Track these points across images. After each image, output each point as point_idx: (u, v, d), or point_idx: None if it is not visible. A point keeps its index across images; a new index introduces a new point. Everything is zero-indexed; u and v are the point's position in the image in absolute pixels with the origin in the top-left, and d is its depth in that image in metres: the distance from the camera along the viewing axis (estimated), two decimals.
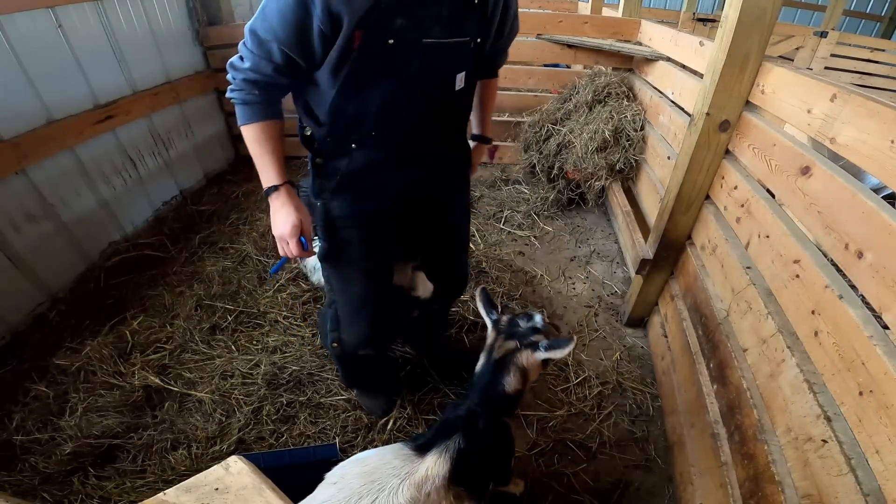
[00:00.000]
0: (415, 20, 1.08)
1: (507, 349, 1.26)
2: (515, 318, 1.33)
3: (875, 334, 0.94)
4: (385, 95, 1.17)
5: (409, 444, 1.15)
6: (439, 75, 1.20)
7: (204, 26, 3.47)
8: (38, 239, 2.38)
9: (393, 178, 1.34)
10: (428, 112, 1.26)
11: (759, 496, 1.16)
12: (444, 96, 1.25)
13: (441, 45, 1.14)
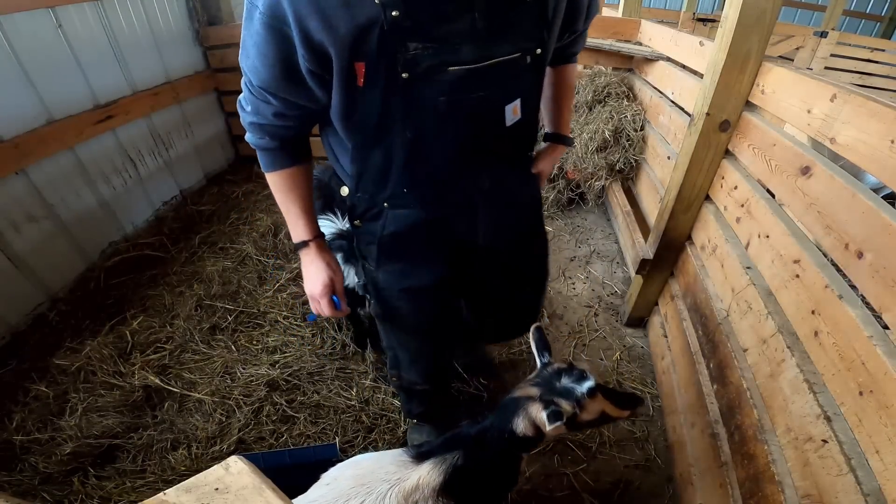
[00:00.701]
0: (434, 42, 0.80)
1: (527, 393, 1.14)
2: (563, 371, 1.17)
3: (875, 334, 0.94)
4: (409, 145, 0.92)
5: (410, 452, 1.14)
6: (479, 111, 0.91)
7: (204, 26, 3.47)
8: (38, 239, 2.38)
9: (438, 243, 1.13)
10: (470, 159, 0.99)
11: (759, 496, 1.16)
12: (491, 137, 0.97)
13: (476, 71, 0.85)
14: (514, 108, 0.96)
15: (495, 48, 0.86)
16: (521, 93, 0.96)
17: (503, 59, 0.87)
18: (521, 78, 0.94)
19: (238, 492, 0.57)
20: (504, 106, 0.94)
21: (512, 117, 0.97)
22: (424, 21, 0.78)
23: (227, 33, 3.50)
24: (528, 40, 0.90)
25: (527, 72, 0.94)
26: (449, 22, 0.80)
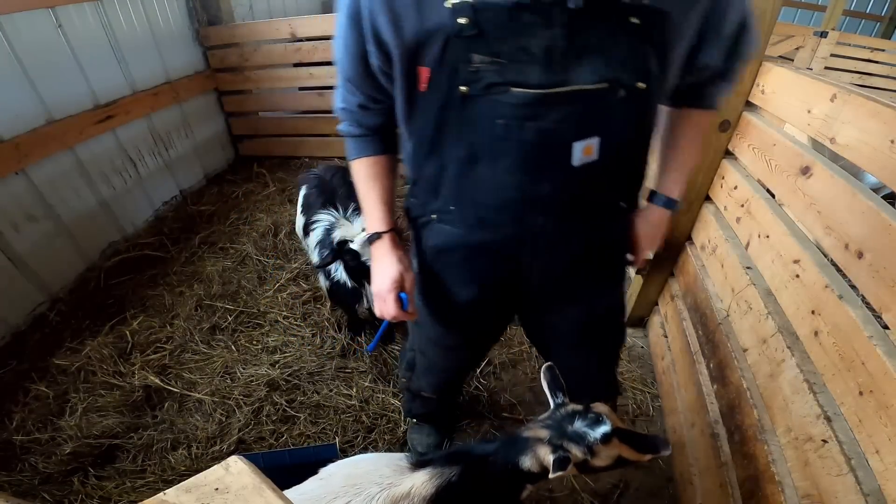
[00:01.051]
0: (500, 58, 0.73)
1: (537, 435, 1.08)
2: (577, 413, 1.09)
3: (875, 334, 0.94)
4: (461, 163, 0.86)
5: (410, 458, 1.13)
6: (541, 144, 0.79)
7: (204, 26, 3.47)
8: (38, 239, 2.38)
9: (475, 270, 1.05)
10: (523, 193, 0.87)
11: (759, 496, 1.16)
12: (552, 174, 0.84)
13: (543, 97, 0.74)
14: (586, 146, 0.80)
15: (573, 74, 0.73)
16: (603, 131, 0.80)
17: (581, 89, 0.74)
18: (605, 113, 0.78)
19: (238, 492, 0.57)
20: (572, 142, 0.79)
21: (582, 157, 0.81)
22: (492, 32, 0.71)
23: (227, 33, 3.50)
24: (624, 70, 0.75)
25: (618, 107, 0.78)
26: (520, 37, 0.71)
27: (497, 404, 1.97)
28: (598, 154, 0.82)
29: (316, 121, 3.84)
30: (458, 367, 1.48)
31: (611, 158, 0.84)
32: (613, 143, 0.82)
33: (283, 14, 4.58)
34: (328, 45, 3.40)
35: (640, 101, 0.80)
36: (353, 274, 1.89)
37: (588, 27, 0.72)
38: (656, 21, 0.73)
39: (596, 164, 0.83)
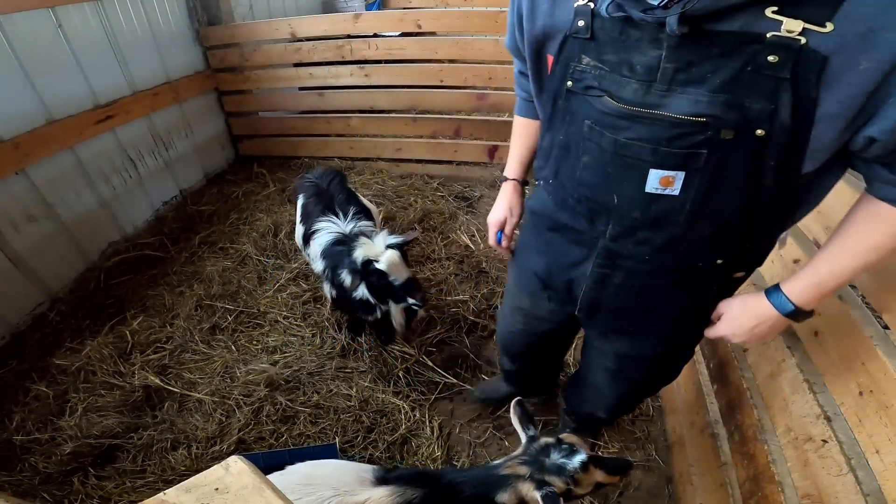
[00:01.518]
0: (604, 65, 0.76)
1: (516, 472, 1.09)
2: (551, 446, 1.11)
3: (875, 334, 0.94)
4: (560, 148, 0.93)
5: (377, 472, 1.14)
6: (616, 155, 0.79)
7: (204, 26, 3.47)
8: (38, 239, 2.38)
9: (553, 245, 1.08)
10: (599, 197, 0.88)
11: (759, 496, 1.16)
12: (629, 194, 0.82)
13: (629, 114, 0.74)
14: (665, 177, 0.75)
15: (671, 100, 0.70)
16: (690, 167, 0.73)
17: (671, 117, 0.70)
18: (699, 150, 0.71)
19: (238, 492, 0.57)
20: (649, 168, 0.76)
21: (658, 186, 0.77)
22: (604, 40, 0.75)
23: (227, 33, 3.50)
24: (734, 110, 0.66)
25: (720, 149, 0.70)
26: (629, 51, 0.72)
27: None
28: (681, 192, 0.77)
29: (316, 121, 3.84)
30: (513, 331, 1.47)
31: (698, 201, 0.77)
32: (703, 186, 0.75)
33: (283, 14, 4.57)
34: (328, 45, 3.40)
35: (756, 152, 0.69)
36: (377, 293, 1.84)
37: (701, 56, 0.66)
38: (805, 63, 0.61)
39: (676, 200, 0.78)
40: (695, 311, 1.00)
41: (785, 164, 0.70)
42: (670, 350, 1.14)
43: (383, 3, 5.56)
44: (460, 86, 3.50)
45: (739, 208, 0.77)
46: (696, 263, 0.89)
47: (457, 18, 3.22)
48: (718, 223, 0.80)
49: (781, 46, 0.61)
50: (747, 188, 0.74)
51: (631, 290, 0.98)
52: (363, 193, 3.37)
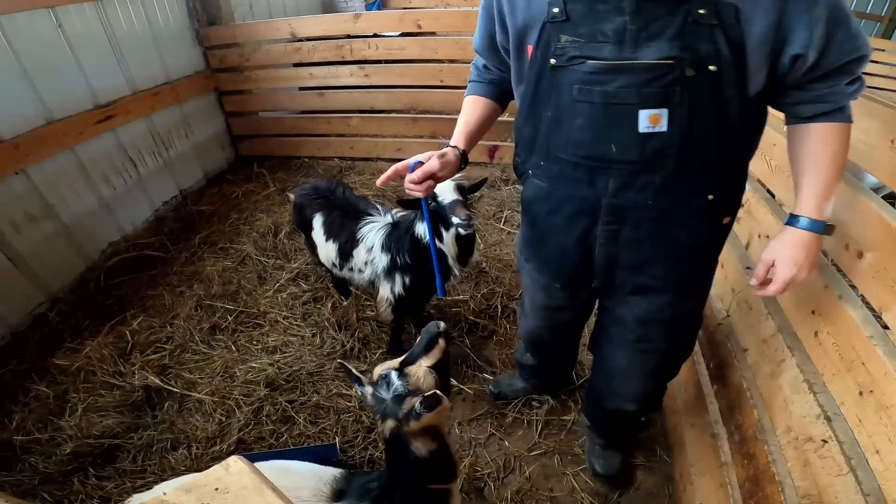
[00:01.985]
0: (581, 38, 0.91)
1: (391, 429, 1.06)
2: (376, 391, 1.10)
3: (875, 334, 0.94)
4: (549, 122, 1.03)
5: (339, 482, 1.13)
6: (609, 105, 0.92)
7: (204, 26, 3.48)
8: (38, 239, 2.38)
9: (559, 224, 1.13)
10: (596, 153, 0.98)
11: (759, 496, 1.16)
12: (620, 138, 0.94)
13: (612, 67, 0.89)
14: (652, 115, 0.90)
15: (641, 52, 0.87)
16: (670, 104, 0.89)
17: (645, 63, 0.87)
18: (672, 88, 0.87)
19: (238, 492, 0.57)
20: (638, 110, 0.90)
21: (648, 125, 0.91)
22: (577, 19, 0.91)
23: (227, 33, 3.50)
24: (688, 50, 0.85)
25: (688, 85, 0.87)
26: (599, 22, 0.89)
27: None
28: (668, 126, 0.91)
29: (316, 121, 3.84)
30: (538, 327, 1.57)
31: (684, 134, 0.91)
32: (684, 119, 0.90)
33: (283, 14, 4.57)
34: (328, 45, 3.40)
35: (715, 84, 0.88)
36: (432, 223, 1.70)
37: (654, 16, 0.85)
38: (723, 11, 0.82)
39: (665, 136, 0.92)
40: (699, 256, 1.12)
41: (740, 92, 0.89)
42: (685, 307, 1.21)
43: (383, 3, 5.56)
44: (460, 86, 3.49)
45: (717, 138, 0.94)
46: (692, 200, 1.01)
47: (457, 18, 3.22)
48: (704, 156, 0.95)
49: (704, 2, 0.82)
50: (718, 118, 0.91)
51: (640, 240, 1.06)
52: (363, 193, 3.37)
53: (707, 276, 1.20)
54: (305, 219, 2.17)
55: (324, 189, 2.18)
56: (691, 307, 1.24)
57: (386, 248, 1.92)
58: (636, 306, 1.20)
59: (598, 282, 1.19)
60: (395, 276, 1.94)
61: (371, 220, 2.00)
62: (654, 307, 1.18)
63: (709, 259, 1.16)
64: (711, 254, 1.15)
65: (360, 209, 2.06)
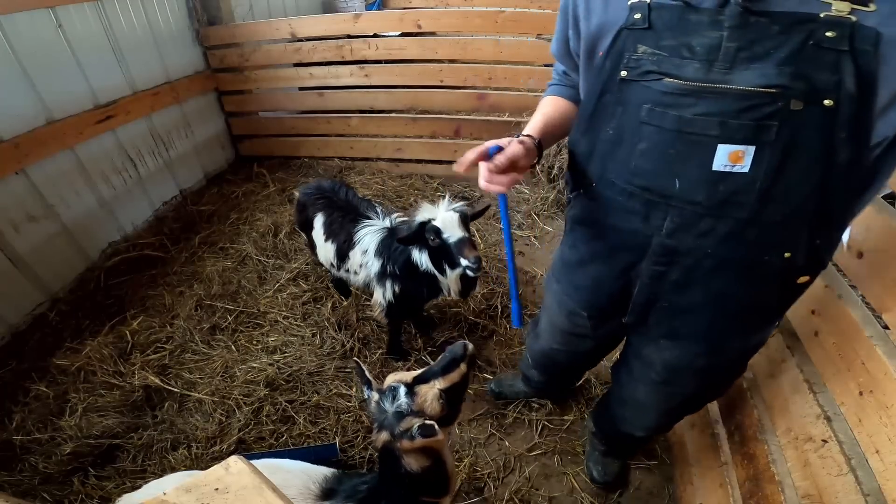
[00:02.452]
0: (662, 51, 0.78)
1: (384, 441, 1.05)
2: (381, 402, 1.07)
3: (875, 334, 0.94)
4: (607, 143, 0.91)
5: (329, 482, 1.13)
6: (682, 135, 0.79)
7: (204, 26, 3.47)
8: (38, 239, 2.38)
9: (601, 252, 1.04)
10: (657, 185, 0.85)
11: (759, 496, 1.16)
12: (694, 176, 0.80)
13: (693, 90, 0.76)
14: (733, 152, 0.75)
15: (736, 76, 0.72)
16: (760, 141, 0.73)
17: (740, 89, 0.72)
18: (768, 122, 0.72)
19: (238, 492, 0.57)
20: (717, 144, 0.76)
21: (726, 163, 0.76)
22: (661, 28, 0.78)
23: (227, 33, 3.50)
24: (801, 80, 0.69)
25: (791, 122, 0.71)
26: (688, 35, 0.76)
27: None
28: (751, 168, 0.75)
29: (316, 121, 3.83)
30: (552, 349, 1.46)
31: (769, 180, 0.75)
32: (775, 161, 0.74)
33: (283, 14, 4.57)
34: (328, 45, 3.40)
35: (826, 123, 0.71)
36: (434, 256, 1.72)
37: (762, 34, 0.70)
38: (859, 36, 0.66)
39: (745, 179, 0.76)
40: (755, 316, 0.96)
41: (856, 137, 0.71)
42: (724, 360, 1.06)
43: (383, 3, 5.56)
44: (460, 86, 3.50)
45: (811, 189, 0.75)
46: (763, 257, 0.84)
47: (457, 18, 3.22)
48: (789, 207, 0.77)
49: (836, 24, 0.66)
50: (819, 165, 0.73)
51: (689, 288, 0.93)
52: (363, 193, 3.37)
53: (760, 335, 1.02)
54: (307, 218, 2.17)
55: (327, 189, 2.18)
56: (732, 360, 1.08)
57: (379, 253, 1.92)
58: (667, 350, 1.08)
59: (630, 318, 1.08)
60: (385, 283, 1.94)
61: (369, 223, 1.99)
62: (686, 355, 1.06)
63: (768, 320, 0.99)
64: (773, 315, 0.98)
65: (360, 211, 2.05)
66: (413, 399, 1.02)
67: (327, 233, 2.08)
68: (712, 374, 1.11)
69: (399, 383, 1.05)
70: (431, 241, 1.67)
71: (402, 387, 1.04)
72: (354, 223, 2.00)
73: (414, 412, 1.01)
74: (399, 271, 1.86)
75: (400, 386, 1.04)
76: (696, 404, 1.30)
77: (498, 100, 3.44)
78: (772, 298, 0.91)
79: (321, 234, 2.10)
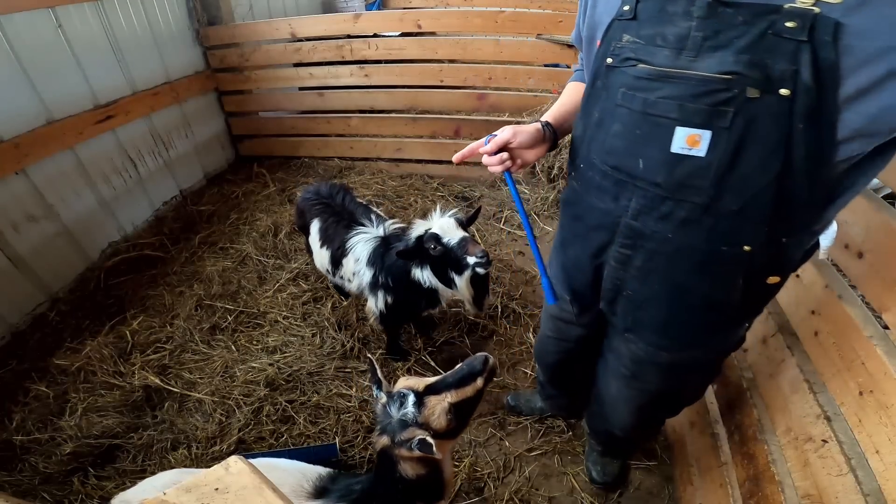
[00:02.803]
0: (641, 39, 0.83)
1: (383, 444, 1.04)
2: (388, 406, 1.05)
3: (875, 334, 0.94)
4: (593, 126, 0.96)
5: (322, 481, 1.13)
6: (647, 116, 0.82)
7: (204, 26, 3.47)
8: (38, 239, 2.38)
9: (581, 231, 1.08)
10: (625, 164, 0.89)
11: (759, 496, 1.16)
12: (654, 157, 0.83)
13: (659, 75, 0.79)
14: (690, 135, 0.77)
15: (699, 62, 0.75)
16: (716, 126, 0.75)
17: (699, 75, 0.74)
18: (723, 107, 0.73)
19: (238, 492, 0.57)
20: (676, 125, 0.78)
21: (683, 145, 0.78)
22: (644, 19, 0.83)
23: (227, 33, 3.50)
24: (757, 68, 0.70)
25: (746, 109, 0.72)
26: (663, 25, 0.80)
27: (499, 402, 1.97)
28: (707, 152, 0.77)
29: (316, 121, 3.83)
30: (546, 336, 1.50)
31: (724, 166, 0.76)
32: (730, 147, 0.75)
33: (283, 14, 4.57)
34: (328, 44, 3.40)
35: (783, 113, 0.70)
36: (438, 266, 1.67)
37: (728, 24, 0.72)
38: (820, 27, 0.66)
39: (700, 162, 0.78)
40: (716, 313, 0.95)
41: (815, 130, 0.70)
42: (687, 358, 1.06)
43: (383, 3, 5.56)
44: (460, 86, 3.50)
45: (768, 181, 0.75)
46: (721, 247, 0.84)
47: (457, 18, 3.22)
48: (746, 197, 0.77)
49: (797, 14, 0.67)
50: (777, 157, 0.73)
51: (651, 274, 0.95)
52: (363, 193, 3.38)
53: (726, 335, 1.02)
54: (305, 223, 2.17)
55: (324, 194, 2.15)
56: (697, 359, 1.08)
57: (371, 262, 1.88)
58: (632, 343, 1.10)
59: (604, 306, 1.11)
60: (377, 293, 1.91)
61: (363, 230, 1.95)
62: (648, 348, 1.07)
63: (732, 320, 0.98)
64: (738, 315, 0.97)
65: (355, 217, 2.02)
66: (420, 410, 1.00)
67: (322, 238, 2.06)
68: (678, 373, 1.12)
69: (409, 391, 1.03)
70: (433, 250, 1.62)
71: (411, 395, 1.01)
72: (349, 229, 1.98)
73: (419, 423, 0.99)
74: (392, 283, 1.83)
75: (410, 394, 1.02)
76: (669, 405, 1.30)
77: (498, 100, 3.44)
78: (734, 295, 0.90)
79: (317, 240, 2.09)
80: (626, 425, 1.39)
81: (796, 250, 0.86)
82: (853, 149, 0.72)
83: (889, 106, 0.67)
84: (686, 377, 1.16)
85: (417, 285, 1.77)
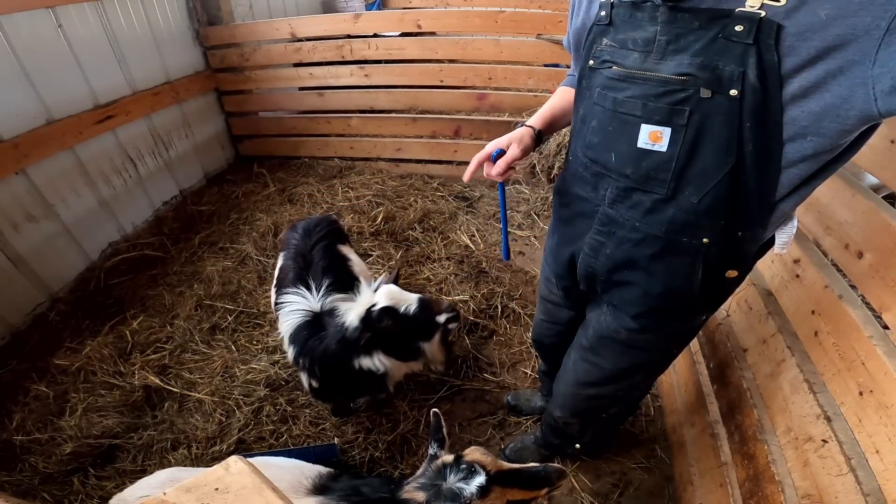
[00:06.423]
0: (615, 43, 0.91)
1: (413, 498, 1.00)
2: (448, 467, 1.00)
3: (875, 334, 0.94)
4: (578, 122, 1.06)
5: (321, 479, 1.12)
6: (616, 114, 0.90)
7: (204, 26, 3.47)
8: (38, 239, 2.38)
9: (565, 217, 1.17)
10: (600, 158, 0.97)
11: (759, 496, 1.16)
12: (624, 151, 0.91)
13: (627, 76, 0.87)
14: (652, 132, 0.85)
15: (663, 64, 0.82)
16: (675, 124, 0.82)
17: (660, 77, 0.82)
18: (679, 107, 0.80)
19: (238, 492, 0.57)
20: (641, 123, 0.86)
21: (647, 141, 0.86)
22: (618, 24, 0.90)
23: (227, 33, 3.50)
24: (707, 70, 0.76)
25: (700, 108, 0.78)
26: (634, 29, 0.86)
27: (499, 402, 1.98)
28: (668, 147, 0.84)
29: (316, 121, 3.83)
30: (539, 319, 1.56)
31: (683, 160, 0.83)
32: (688, 144, 0.82)
33: (283, 14, 4.57)
34: (328, 45, 3.40)
35: (733, 112, 0.76)
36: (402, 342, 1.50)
37: (687, 28, 0.79)
38: (764, 29, 0.71)
39: (662, 157, 0.85)
40: (674, 300, 1.00)
41: (762, 128, 0.76)
42: (641, 340, 1.11)
43: (383, 3, 5.55)
44: (460, 86, 3.50)
45: (722, 175, 0.82)
46: (681, 237, 0.91)
47: (457, 18, 3.22)
48: (703, 190, 0.84)
49: (745, 18, 0.72)
50: (729, 153, 0.80)
51: (618, 260, 1.02)
52: (363, 193, 3.37)
53: (680, 323, 1.09)
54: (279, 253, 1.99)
55: (300, 231, 1.91)
56: (650, 343, 1.13)
57: (292, 340, 1.61)
58: (605, 316, 1.15)
59: (583, 286, 1.17)
60: (302, 374, 1.68)
61: (297, 293, 1.65)
62: (613, 322, 1.12)
63: (691, 309, 1.04)
64: (697, 306, 1.03)
65: (306, 271, 1.73)
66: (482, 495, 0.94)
67: (277, 279, 1.85)
68: (629, 353, 1.16)
69: (482, 469, 0.97)
70: (390, 327, 1.44)
71: (482, 476, 0.96)
72: (292, 285, 1.69)
73: None
74: (320, 372, 1.58)
75: (481, 474, 0.96)
76: (609, 397, 1.32)
77: (498, 100, 3.44)
78: (693, 285, 0.95)
79: (275, 278, 1.90)
80: (567, 404, 1.41)
81: (752, 244, 0.91)
82: (805, 147, 0.76)
83: (832, 105, 0.70)
84: (637, 365, 1.20)
85: (361, 374, 1.56)
